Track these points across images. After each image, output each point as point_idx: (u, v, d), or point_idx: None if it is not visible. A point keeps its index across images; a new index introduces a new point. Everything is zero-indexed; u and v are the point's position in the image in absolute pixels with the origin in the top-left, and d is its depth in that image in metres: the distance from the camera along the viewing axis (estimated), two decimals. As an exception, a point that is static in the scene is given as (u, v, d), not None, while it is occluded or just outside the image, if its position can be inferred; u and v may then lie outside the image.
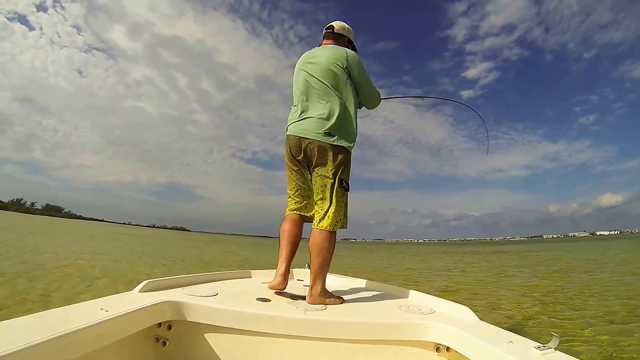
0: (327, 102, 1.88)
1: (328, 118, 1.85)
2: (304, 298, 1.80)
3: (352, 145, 1.90)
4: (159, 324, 1.43)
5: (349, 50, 2.00)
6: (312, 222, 1.92)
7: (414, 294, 2.01)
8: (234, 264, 12.27)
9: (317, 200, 1.90)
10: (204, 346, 1.47)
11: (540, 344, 1.12)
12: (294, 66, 2.16)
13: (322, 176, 1.87)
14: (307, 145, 1.87)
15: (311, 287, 1.80)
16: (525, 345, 1.14)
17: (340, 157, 1.84)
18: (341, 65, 1.91)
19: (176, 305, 1.45)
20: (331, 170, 1.84)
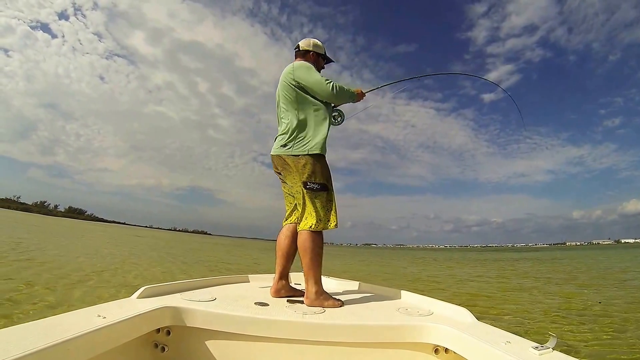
0: (286, 120, 2.05)
1: (286, 133, 2.01)
2: (302, 302, 1.83)
3: (312, 148, 1.95)
4: (158, 330, 1.44)
5: (296, 62, 2.12)
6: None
7: (412, 296, 2.02)
8: (252, 266, 12.54)
9: (297, 207, 2.05)
10: (203, 351, 1.48)
11: (538, 344, 1.12)
12: None
13: (293, 184, 2.04)
14: (275, 161, 2.09)
15: (306, 289, 1.85)
16: (523, 346, 1.15)
17: (300, 164, 1.95)
18: (289, 81, 2.03)
19: (175, 311, 1.47)
20: (296, 177, 1.99)
